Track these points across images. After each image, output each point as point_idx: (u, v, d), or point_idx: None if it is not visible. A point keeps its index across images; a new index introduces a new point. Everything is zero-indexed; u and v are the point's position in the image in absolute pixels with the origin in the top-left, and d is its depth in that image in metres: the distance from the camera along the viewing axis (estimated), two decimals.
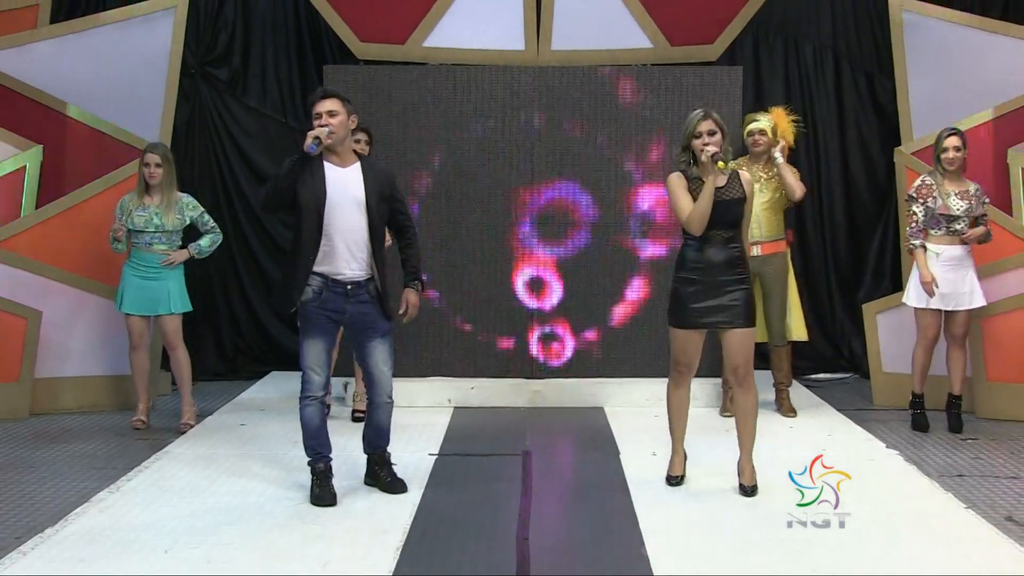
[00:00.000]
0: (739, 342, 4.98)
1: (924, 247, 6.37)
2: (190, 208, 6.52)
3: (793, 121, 6.76)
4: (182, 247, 6.53)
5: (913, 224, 6.42)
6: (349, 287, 4.85)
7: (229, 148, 8.32)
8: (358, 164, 4.90)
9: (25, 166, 7.14)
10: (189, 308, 6.60)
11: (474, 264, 7.17)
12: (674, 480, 5.17)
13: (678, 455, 5.22)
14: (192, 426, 6.49)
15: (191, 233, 6.60)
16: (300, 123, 8.28)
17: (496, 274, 7.21)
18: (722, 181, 4.86)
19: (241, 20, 8.34)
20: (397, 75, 7.17)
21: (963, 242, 6.33)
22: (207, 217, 6.58)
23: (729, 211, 4.89)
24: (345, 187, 4.80)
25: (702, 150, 4.82)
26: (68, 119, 7.36)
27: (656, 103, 7.13)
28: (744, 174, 5.03)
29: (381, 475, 5.13)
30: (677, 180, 4.96)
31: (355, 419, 6.57)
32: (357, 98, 6.95)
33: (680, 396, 5.13)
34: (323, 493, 4.88)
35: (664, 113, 7.12)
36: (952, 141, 6.37)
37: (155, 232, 6.38)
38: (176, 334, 6.53)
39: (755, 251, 6.41)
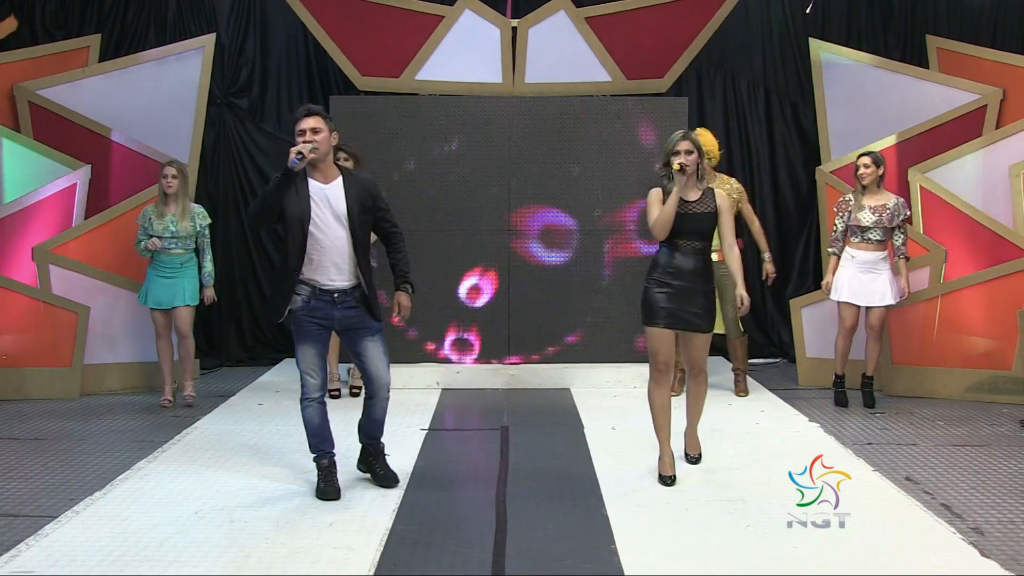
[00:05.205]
0: (700, 344, 4.83)
1: (838, 255, 6.44)
2: (201, 216, 6.52)
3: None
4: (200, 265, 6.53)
5: (832, 234, 6.50)
6: (336, 295, 4.43)
7: (249, 167, 8.29)
8: (340, 179, 4.44)
9: (76, 183, 7.14)
10: (197, 302, 6.55)
11: (464, 267, 7.14)
12: (667, 480, 4.69)
13: (667, 455, 4.78)
14: (195, 397, 6.54)
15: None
16: None
17: (482, 277, 7.18)
18: (695, 195, 4.70)
19: (260, 57, 8.32)
20: (393, 104, 7.16)
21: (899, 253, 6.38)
22: (208, 231, 6.57)
23: (699, 223, 4.68)
24: (327, 202, 4.37)
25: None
26: (112, 142, 7.36)
27: (613, 127, 7.15)
28: (720, 192, 4.77)
29: (375, 467, 4.74)
30: (655, 194, 4.72)
31: (352, 394, 6.56)
32: (357, 122, 6.99)
33: (662, 395, 4.80)
34: (328, 488, 4.50)
35: (620, 135, 7.14)
36: (862, 160, 6.39)
37: (171, 238, 6.38)
38: (188, 324, 6.52)
39: (713, 257, 6.38)
